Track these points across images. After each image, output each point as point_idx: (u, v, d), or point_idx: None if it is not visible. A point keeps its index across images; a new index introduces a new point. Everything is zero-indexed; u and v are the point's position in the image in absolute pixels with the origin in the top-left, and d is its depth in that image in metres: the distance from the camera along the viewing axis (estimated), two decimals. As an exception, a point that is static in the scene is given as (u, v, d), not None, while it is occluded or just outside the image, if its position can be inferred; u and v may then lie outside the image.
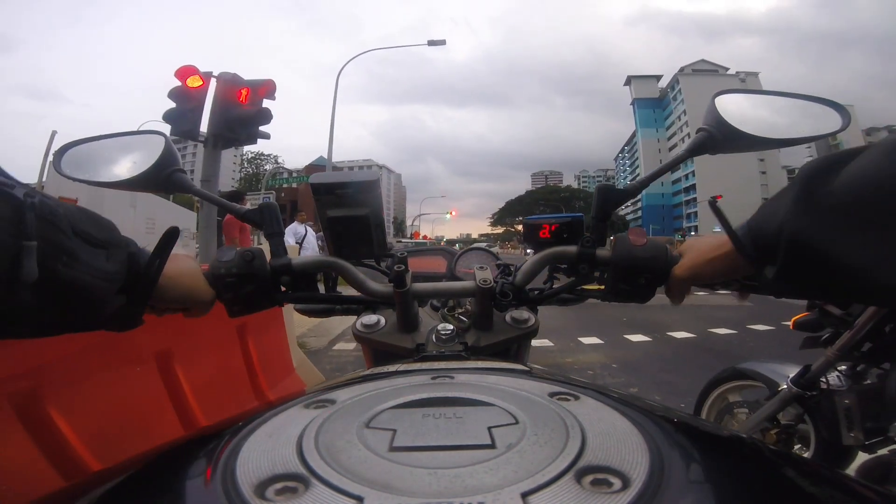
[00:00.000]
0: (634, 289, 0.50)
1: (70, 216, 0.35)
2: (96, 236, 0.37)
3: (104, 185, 0.56)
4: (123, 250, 0.40)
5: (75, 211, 0.36)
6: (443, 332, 0.51)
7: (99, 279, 0.36)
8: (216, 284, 0.49)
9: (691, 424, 0.30)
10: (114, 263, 0.38)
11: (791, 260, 0.34)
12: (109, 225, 0.40)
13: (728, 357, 3.08)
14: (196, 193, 0.56)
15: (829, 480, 0.25)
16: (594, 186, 0.77)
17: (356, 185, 0.45)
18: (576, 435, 0.23)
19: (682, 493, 0.20)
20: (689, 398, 1.87)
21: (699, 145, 0.52)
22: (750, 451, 0.27)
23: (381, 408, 0.28)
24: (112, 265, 0.38)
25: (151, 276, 0.41)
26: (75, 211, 0.36)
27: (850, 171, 0.30)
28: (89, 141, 0.59)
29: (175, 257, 0.47)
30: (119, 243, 0.40)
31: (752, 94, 0.57)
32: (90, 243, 0.36)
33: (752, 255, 0.39)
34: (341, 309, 0.61)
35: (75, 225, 0.35)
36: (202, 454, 0.25)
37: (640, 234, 0.49)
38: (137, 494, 0.24)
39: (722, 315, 5.32)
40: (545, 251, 0.55)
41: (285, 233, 0.57)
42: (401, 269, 0.48)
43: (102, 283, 0.36)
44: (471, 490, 0.19)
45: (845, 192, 0.30)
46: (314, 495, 0.19)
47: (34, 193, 0.32)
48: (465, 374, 0.35)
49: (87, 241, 0.36)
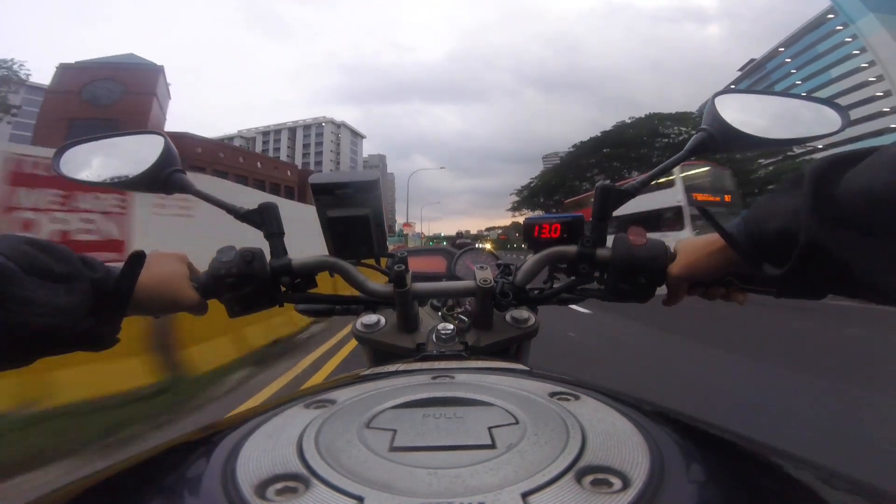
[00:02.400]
0: (634, 288, 0.50)
1: (20, 257, 0.34)
2: (54, 270, 0.36)
3: (103, 186, 0.56)
4: (85, 280, 0.38)
5: (26, 247, 0.35)
6: (443, 331, 0.51)
7: (58, 316, 0.35)
8: (216, 284, 0.49)
9: (691, 424, 0.30)
10: (74, 296, 0.37)
11: (802, 263, 0.33)
12: (67, 254, 0.38)
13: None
14: (196, 194, 0.56)
15: (830, 480, 0.25)
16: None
17: (356, 185, 0.45)
18: (576, 435, 0.23)
19: (682, 493, 0.20)
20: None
21: (699, 145, 0.52)
22: (750, 451, 0.27)
23: (381, 408, 0.28)
24: (72, 298, 0.36)
25: (119, 301, 0.40)
26: (26, 247, 0.35)
27: (855, 177, 0.29)
28: (88, 141, 0.59)
29: (158, 262, 0.46)
30: (78, 274, 0.38)
31: (752, 94, 0.57)
32: (48, 278, 0.35)
33: (748, 252, 0.39)
34: (341, 309, 0.61)
35: (27, 264, 0.34)
36: (202, 454, 0.25)
37: (639, 234, 0.49)
38: (137, 494, 0.24)
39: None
40: (545, 251, 0.55)
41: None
42: (401, 268, 0.48)
43: (61, 319, 0.35)
44: (471, 490, 0.19)
45: (848, 199, 0.29)
46: (314, 495, 0.19)
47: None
48: (465, 374, 0.35)
49: (44, 277, 0.35)
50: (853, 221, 0.29)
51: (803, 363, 3.26)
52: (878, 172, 0.28)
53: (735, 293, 0.49)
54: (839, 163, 0.31)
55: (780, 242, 0.35)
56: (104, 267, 0.41)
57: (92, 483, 0.26)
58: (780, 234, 0.35)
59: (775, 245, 0.36)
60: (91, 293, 0.38)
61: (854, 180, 0.29)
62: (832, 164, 0.31)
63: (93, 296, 0.39)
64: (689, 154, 0.54)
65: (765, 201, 0.39)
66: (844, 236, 0.30)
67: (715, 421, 0.31)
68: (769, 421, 2.26)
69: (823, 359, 3.46)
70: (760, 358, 3.45)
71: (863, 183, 0.28)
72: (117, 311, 0.40)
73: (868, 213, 0.28)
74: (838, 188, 0.30)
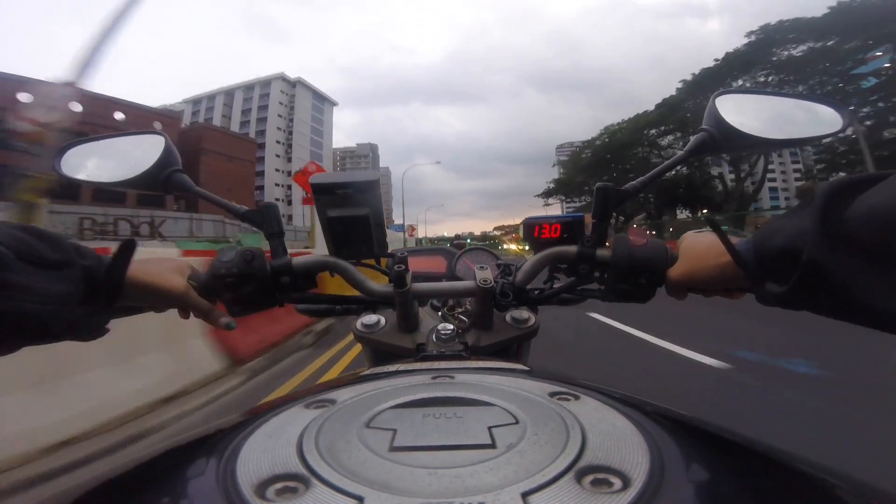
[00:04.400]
0: (634, 289, 0.50)
1: (14, 243, 0.34)
2: (48, 257, 0.36)
3: (103, 186, 0.56)
4: (77, 267, 0.38)
5: (20, 234, 0.35)
6: (443, 331, 0.51)
7: (50, 304, 0.35)
8: (216, 284, 0.49)
9: (692, 424, 0.30)
10: (66, 284, 0.37)
11: (804, 280, 0.33)
12: (59, 241, 0.38)
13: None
14: (196, 194, 0.56)
15: (830, 480, 0.25)
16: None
17: (356, 185, 0.45)
18: (576, 435, 0.23)
19: (682, 492, 0.20)
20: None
21: (699, 146, 0.52)
22: (750, 451, 0.27)
23: (381, 408, 0.28)
24: (64, 286, 0.36)
25: (111, 289, 0.40)
26: (20, 234, 0.35)
27: (866, 201, 0.29)
28: (89, 141, 0.59)
29: (156, 261, 0.47)
30: (72, 261, 0.38)
31: (752, 94, 0.57)
32: (41, 265, 0.35)
33: (753, 271, 0.38)
34: (341, 309, 0.61)
35: (21, 251, 0.34)
36: (202, 454, 0.25)
37: (640, 234, 0.49)
38: (137, 494, 0.24)
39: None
40: (545, 251, 0.55)
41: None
42: (401, 268, 0.48)
43: (53, 306, 0.35)
44: (471, 490, 0.19)
45: (857, 222, 0.29)
46: (314, 495, 0.19)
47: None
48: (465, 374, 0.35)
49: (37, 264, 0.35)
50: (858, 244, 0.29)
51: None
52: (886, 195, 0.27)
53: (733, 293, 0.48)
54: (852, 184, 0.30)
55: (784, 260, 0.35)
56: (95, 255, 0.41)
57: (92, 483, 0.26)
58: (785, 251, 0.35)
59: (778, 262, 0.35)
60: (83, 281, 0.38)
61: (863, 203, 0.29)
62: (844, 185, 0.31)
63: (84, 284, 0.39)
64: (689, 154, 0.54)
65: (776, 220, 0.38)
66: (848, 258, 0.29)
67: (715, 421, 0.30)
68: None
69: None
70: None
71: (872, 206, 0.28)
72: (108, 299, 0.40)
73: (873, 236, 0.27)
74: (848, 210, 0.29)
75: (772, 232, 0.37)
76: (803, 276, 0.32)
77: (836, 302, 0.32)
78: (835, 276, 0.30)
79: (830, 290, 0.31)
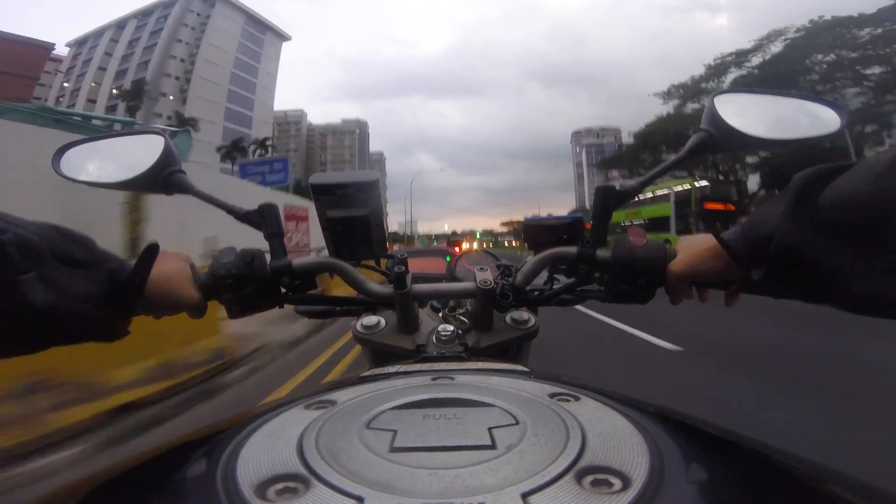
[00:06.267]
0: (634, 289, 0.50)
1: (49, 240, 0.34)
2: (77, 256, 0.36)
3: (103, 187, 0.56)
4: (104, 269, 0.39)
5: (53, 233, 0.36)
6: (443, 333, 0.51)
7: (79, 302, 0.35)
8: (216, 285, 0.49)
9: (691, 424, 0.30)
10: (93, 284, 0.37)
11: (777, 263, 0.35)
12: (88, 242, 0.39)
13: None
14: (196, 195, 0.56)
15: (830, 480, 0.25)
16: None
17: (356, 185, 0.45)
18: (576, 435, 0.23)
19: (682, 493, 0.20)
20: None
21: (698, 145, 0.52)
22: (751, 451, 0.27)
23: (381, 408, 0.28)
24: (92, 286, 0.37)
25: (133, 292, 0.40)
26: (53, 233, 0.36)
27: (837, 187, 0.31)
28: (88, 141, 0.59)
29: (164, 261, 0.46)
30: (99, 262, 0.39)
31: (751, 93, 0.57)
32: (71, 264, 0.36)
33: (742, 258, 0.39)
34: (341, 310, 0.61)
35: (55, 248, 0.34)
36: (202, 454, 0.25)
37: (639, 235, 0.50)
38: (137, 494, 0.24)
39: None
40: (545, 252, 0.55)
41: None
42: (401, 270, 0.48)
43: (82, 305, 0.36)
44: (471, 490, 0.19)
45: (829, 207, 0.31)
46: (315, 496, 0.19)
47: (5, 227, 0.31)
48: (465, 375, 0.35)
49: (68, 263, 0.35)
50: (829, 226, 0.31)
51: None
52: (856, 181, 0.29)
53: (729, 296, 0.49)
54: (825, 172, 0.32)
55: (765, 245, 0.36)
56: (118, 258, 0.42)
57: (92, 483, 0.26)
58: (766, 237, 0.36)
59: (762, 248, 0.37)
60: (108, 283, 0.39)
61: (835, 189, 0.31)
62: (818, 173, 0.33)
63: (109, 285, 0.39)
64: (688, 154, 0.54)
65: (762, 207, 0.40)
66: (822, 241, 0.31)
67: (715, 421, 0.31)
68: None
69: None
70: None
71: (842, 192, 0.30)
72: (130, 302, 0.41)
73: (845, 220, 0.29)
74: (821, 196, 0.31)
75: (759, 219, 0.39)
76: (776, 259, 0.34)
77: (814, 287, 0.34)
78: (808, 259, 0.32)
79: (806, 275, 0.33)
